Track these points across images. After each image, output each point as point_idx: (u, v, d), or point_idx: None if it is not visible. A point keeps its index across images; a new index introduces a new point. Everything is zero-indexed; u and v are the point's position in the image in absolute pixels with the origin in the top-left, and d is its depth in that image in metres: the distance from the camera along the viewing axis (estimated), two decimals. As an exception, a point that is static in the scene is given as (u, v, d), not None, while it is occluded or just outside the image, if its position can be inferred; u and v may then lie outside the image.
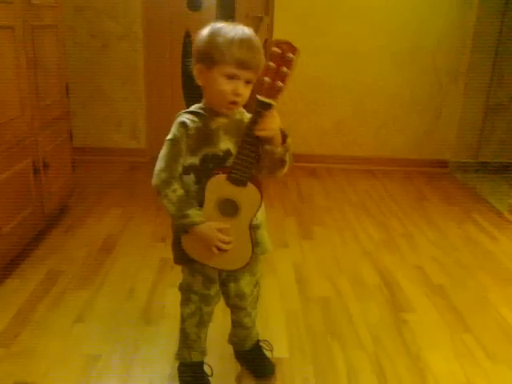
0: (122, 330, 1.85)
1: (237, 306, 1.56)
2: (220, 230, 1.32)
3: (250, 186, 1.28)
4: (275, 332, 1.87)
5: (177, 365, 1.62)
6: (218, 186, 1.29)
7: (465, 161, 3.97)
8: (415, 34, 3.69)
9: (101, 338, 1.80)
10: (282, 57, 1.16)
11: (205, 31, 1.26)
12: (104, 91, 3.74)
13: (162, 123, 3.64)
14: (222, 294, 1.54)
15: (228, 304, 1.57)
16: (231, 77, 1.22)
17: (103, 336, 1.81)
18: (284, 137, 1.28)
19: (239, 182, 1.27)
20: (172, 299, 1.55)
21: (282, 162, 1.31)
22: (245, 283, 1.51)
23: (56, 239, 2.53)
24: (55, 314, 1.93)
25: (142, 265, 2.31)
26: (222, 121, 1.31)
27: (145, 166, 3.66)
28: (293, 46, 1.16)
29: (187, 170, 1.32)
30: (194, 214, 1.30)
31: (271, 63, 1.16)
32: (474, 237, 2.81)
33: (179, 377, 1.60)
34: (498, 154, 3.97)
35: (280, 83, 1.17)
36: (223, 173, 1.28)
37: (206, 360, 1.62)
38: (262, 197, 1.30)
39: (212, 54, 1.22)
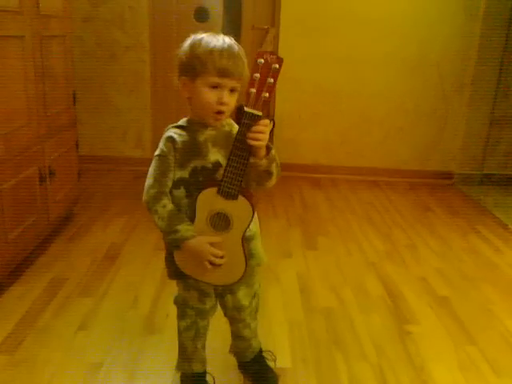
0: (125, 338, 1.85)
1: (235, 318, 1.54)
2: (212, 244, 1.30)
3: (241, 199, 1.27)
4: (278, 342, 1.86)
5: (179, 375, 1.61)
6: (209, 200, 1.27)
7: (469, 172, 3.96)
8: (420, 44, 3.71)
9: (104, 346, 1.80)
10: (267, 67, 1.17)
11: (186, 43, 1.26)
12: (110, 101, 3.77)
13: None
14: (220, 305, 1.53)
15: (226, 315, 1.56)
16: (214, 86, 1.22)
17: (106, 344, 1.80)
18: (268, 149, 1.27)
19: (230, 196, 1.26)
20: (176, 308, 1.54)
21: (269, 174, 1.30)
22: (242, 295, 1.49)
23: (60, 247, 2.54)
24: (59, 321, 1.93)
25: (146, 273, 2.32)
26: (209, 133, 1.31)
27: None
28: (278, 56, 1.17)
29: (177, 183, 1.31)
30: (184, 228, 1.28)
31: (256, 74, 1.17)
32: (478, 249, 2.80)
33: (181, 387, 1.59)
34: (503, 166, 3.96)
35: (266, 94, 1.18)
36: (213, 186, 1.26)
37: (208, 370, 1.61)
38: (253, 210, 1.28)
39: (194, 64, 1.23)
